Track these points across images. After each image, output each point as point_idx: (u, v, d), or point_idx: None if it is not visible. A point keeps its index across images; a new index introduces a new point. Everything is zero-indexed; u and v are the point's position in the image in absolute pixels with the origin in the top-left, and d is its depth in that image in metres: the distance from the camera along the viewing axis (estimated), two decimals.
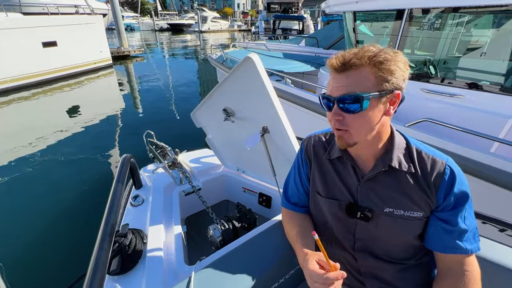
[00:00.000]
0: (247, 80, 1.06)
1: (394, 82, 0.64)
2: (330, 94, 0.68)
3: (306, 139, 0.93)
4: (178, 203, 1.42)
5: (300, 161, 0.94)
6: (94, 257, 0.77)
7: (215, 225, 1.30)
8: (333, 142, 0.85)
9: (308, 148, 0.91)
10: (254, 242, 1.01)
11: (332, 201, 0.84)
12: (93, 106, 7.00)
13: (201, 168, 1.73)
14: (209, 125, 1.55)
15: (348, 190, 0.80)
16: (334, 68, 0.66)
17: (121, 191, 1.05)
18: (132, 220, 1.27)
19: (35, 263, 2.46)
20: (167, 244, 1.16)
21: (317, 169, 0.88)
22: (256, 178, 1.61)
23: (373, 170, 0.74)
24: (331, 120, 0.70)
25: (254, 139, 1.27)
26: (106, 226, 0.87)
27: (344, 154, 0.80)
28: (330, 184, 0.84)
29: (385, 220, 0.75)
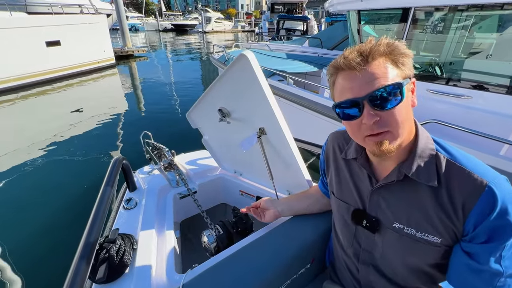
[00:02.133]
0: (242, 78, 1.00)
1: (410, 68, 0.59)
2: (354, 96, 0.57)
3: (330, 135, 0.91)
4: (172, 207, 1.37)
5: (321, 155, 0.94)
6: (73, 268, 0.72)
7: (209, 230, 1.24)
8: (351, 141, 0.79)
9: (329, 145, 0.89)
10: (249, 249, 0.96)
11: (342, 203, 0.81)
12: (96, 105, 7.01)
13: (198, 170, 1.67)
14: (205, 126, 1.49)
15: (359, 195, 0.75)
16: (349, 66, 0.57)
17: (109, 195, 1.00)
18: (123, 225, 1.22)
19: (39, 258, 2.45)
20: (158, 250, 1.11)
21: (334, 168, 0.86)
22: (254, 181, 1.55)
23: (386, 178, 0.67)
24: (362, 127, 0.59)
25: (250, 141, 1.22)
26: (90, 234, 0.82)
27: (359, 157, 0.73)
28: (343, 185, 0.81)
29: (393, 236, 0.68)
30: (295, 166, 1.18)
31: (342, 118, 0.62)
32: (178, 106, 7.06)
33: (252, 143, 1.21)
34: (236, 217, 1.33)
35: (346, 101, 0.59)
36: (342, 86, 0.60)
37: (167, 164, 1.76)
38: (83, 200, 3.18)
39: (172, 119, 6.20)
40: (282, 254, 0.94)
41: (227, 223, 1.27)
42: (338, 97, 0.62)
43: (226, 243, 1.20)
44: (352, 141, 0.79)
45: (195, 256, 1.58)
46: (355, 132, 0.62)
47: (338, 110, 0.62)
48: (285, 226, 1.07)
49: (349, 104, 0.59)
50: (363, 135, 0.60)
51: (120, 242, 1.03)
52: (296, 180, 1.24)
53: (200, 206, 1.38)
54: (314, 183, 1.22)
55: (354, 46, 0.60)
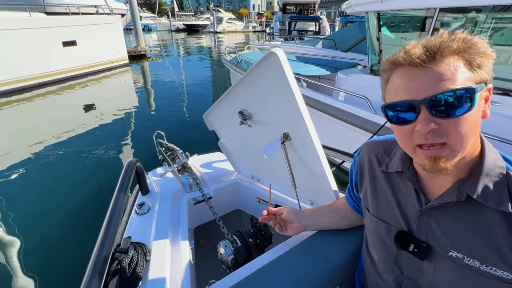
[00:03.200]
0: (269, 78, 0.92)
1: (488, 71, 0.48)
2: (411, 97, 0.48)
3: (365, 144, 0.81)
4: (186, 213, 1.29)
5: (352, 167, 0.84)
6: (84, 285, 0.65)
7: (226, 241, 1.16)
8: (394, 152, 0.69)
9: (363, 156, 0.79)
10: (272, 268, 0.87)
11: (381, 222, 0.70)
12: (109, 104, 7.09)
13: (213, 174, 1.60)
14: (223, 128, 1.41)
15: (403, 215, 0.64)
16: (411, 62, 0.48)
17: (122, 202, 0.93)
18: (135, 232, 1.16)
19: (51, 259, 2.46)
20: (172, 262, 1.03)
21: (369, 182, 0.75)
22: (273, 188, 1.46)
23: (441, 198, 0.56)
24: (414, 134, 0.50)
25: (273, 147, 1.13)
26: (102, 247, 0.75)
27: (407, 171, 0.63)
28: (382, 202, 0.70)
29: (448, 267, 0.57)
30: (321, 176, 1.08)
31: (392, 121, 0.54)
32: (190, 107, 7.05)
33: (275, 148, 1.12)
34: (254, 227, 1.25)
35: (400, 103, 0.50)
36: (398, 84, 0.51)
37: (181, 166, 1.70)
38: (95, 199, 3.17)
39: (183, 120, 6.19)
40: (309, 274, 0.84)
41: (245, 233, 1.18)
42: (391, 97, 0.53)
43: (244, 256, 1.11)
44: (395, 152, 0.70)
45: (210, 266, 1.50)
46: (405, 139, 0.53)
47: (389, 112, 0.53)
48: (310, 242, 0.97)
49: (404, 106, 0.50)
50: (414, 144, 0.51)
51: (132, 253, 0.96)
52: (322, 190, 1.14)
53: (216, 214, 1.30)
54: (340, 194, 1.12)
55: (416, 41, 0.50)
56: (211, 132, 1.52)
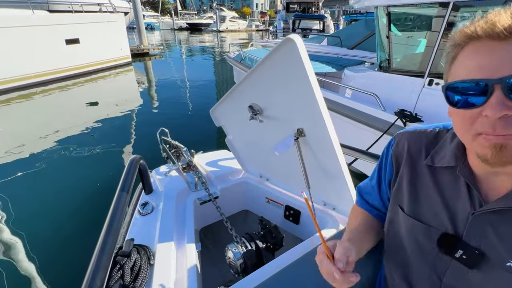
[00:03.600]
0: (285, 67, 0.84)
1: None
2: (485, 76, 0.41)
3: (399, 134, 0.70)
4: (192, 213, 1.22)
5: (383, 161, 0.73)
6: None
7: (234, 244, 1.09)
8: (441, 144, 0.61)
9: (399, 147, 0.68)
10: (286, 275, 0.80)
11: (418, 224, 0.61)
12: (112, 102, 7.05)
13: (219, 173, 1.53)
14: (230, 124, 1.34)
15: (451, 216, 0.56)
16: (492, 33, 0.40)
17: (125, 203, 0.87)
18: (139, 233, 1.09)
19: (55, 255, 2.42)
20: (178, 267, 0.96)
21: (407, 177, 0.65)
22: (283, 188, 1.38)
23: (505, 200, 0.48)
24: (479, 121, 0.43)
25: (285, 143, 1.05)
26: (102, 251, 0.68)
27: (461, 166, 0.55)
28: (423, 200, 0.61)
29: (503, 279, 0.49)
30: (338, 175, 1.00)
31: (453, 104, 0.46)
32: (193, 106, 6.98)
33: (288, 145, 1.05)
34: (264, 229, 1.17)
35: (468, 82, 0.43)
36: (468, 61, 0.43)
37: (185, 164, 1.63)
38: (98, 197, 3.11)
39: (187, 118, 6.13)
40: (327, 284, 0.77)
41: (254, 236, 1.11)
42: (457, 76, 0.46)
43: (255, 261, 1.04)
44: (442, 144, 0.61)
45: (216, 271, 1.43)
46: (465, 125, 0.46)
47: (451, 93, 0.46)
48: None
49: (472, 86, 0.42)
50: (476, 132, 0.44)
51: (135, 256, 0.90)
52: (338, 191, 1.07)
53: (224, 214, 1.23)
54: None
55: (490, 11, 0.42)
56: (215, 131, 1.46)
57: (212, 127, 1.44)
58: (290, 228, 1.36)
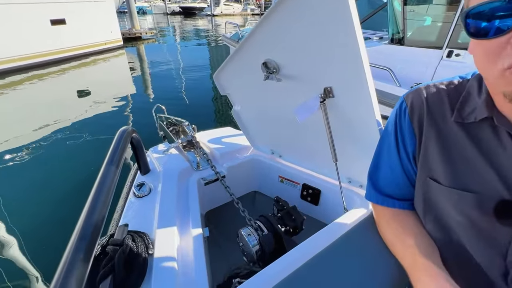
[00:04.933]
0: (316, 6, 0.64)
1: None
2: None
3: (410, 95, 0.57)
4: (196, 195, 1.05)
5: (398, 134, 0.59)
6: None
7: (248, 228, 0.93)
8: (465, 95, 0.50)
9: (415, 108, 0.55)
10: (323, 262, 0.63)
11: (464, 194, 0.49)
12: (104, 88, 6.74)
13: (224, 150, 1.34)
14: (239, 90, 1.15)
15: (502, 177, 0.45)
16: None
17: (114, 177, 0.68)
18: (134, 218, 0.92)
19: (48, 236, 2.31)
20: (182, 256, 0.80)
21: (435, 141, 0.53)
22: (300, 165, 1.21)
23: None
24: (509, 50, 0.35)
25: (308, 107, 0.87)
26: (84, 233, 0.51)
27: (497, 115, 0.45)
28: (462, 165, 0.50)
29: None
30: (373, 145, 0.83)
31: (476, 34, 0.39)
32: (188, 91, 6.68)
33: (311, 109, 0.86)
34: (281, 210, 1.01)
35: (494, 4, 0.36)
36: None
37: (186, 142, 1.44)
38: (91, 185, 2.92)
39: (183, 104, 5.86)
40: (372, 273, 0.61)
41: (272, 218, 0.95)
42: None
43: (273, 247, 0.87)
44: (467, 95, 0.49)
45: (224, 260, 1.28)
46: (489, 60, 0.39)
47: (472, 21, 0.39)
48: (361, 228, 0.73)
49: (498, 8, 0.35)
50: (503, 66, 0.37)
51: (130, 244, 0.72)
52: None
53: (233, 195, 1.06)
54: None
55: None
56: (213, 116, 1.26)
57: (209, 113, 1.25)
58: (308, 209, 1.20)
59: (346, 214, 0.91)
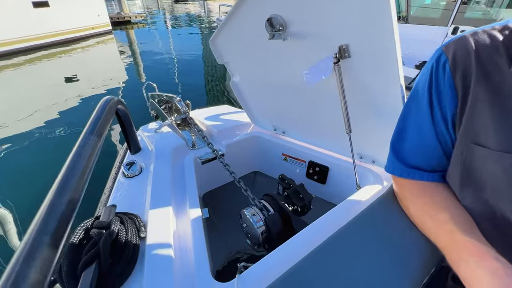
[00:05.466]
0: None
1: None
2: None
3: (451, 45, 0.47)
4: (193, 173, 0.95)
5: (429, 91, 0.49)
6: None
7: (252, 208, 0.83)
8: None
9: (458, 61, 0.46)
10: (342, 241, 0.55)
11: None
12: (93, 74, 6.46)
13: (222, 127, 1.24)
14: (238, 57, 1.02)
15: None
16: None
17: (94, 149, 0.57)
18: (124, 200, 0.82)
19: None
20: (180, 239, 0.70)
21: (485, 98, 0.43)
22: (305, 140, 1.11)
23: None
24: None
25: (320, 70, 0.76)
26: (53, 209, 0.40)
27: None
28: None
29: None
30: (394, 114, 0.73)
31: None
32: (181, 76, 6.45)
33: (324, 72, 0.75)
34: (287, 188, 0.92)
35: None
36: None
37: (180, 120, 1.33)
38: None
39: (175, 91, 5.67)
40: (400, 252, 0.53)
41: (277, 197, 0.85)
42: None
43: (280, 228, 0.79)
44: None
45: (221, 243, 1.20)
46: None
47: None
48: (380, 205, 0.64)
49: None
50: None
51: (118, 227, 0.62)
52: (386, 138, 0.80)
53: (234, 173, 0.96)
54: None
55: None
56: (209, 100, 1.13)
57: (204, 97, 1.13)
58: (314, 189, 1.11)
59: (360, 191, 0.83)
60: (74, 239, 0.60)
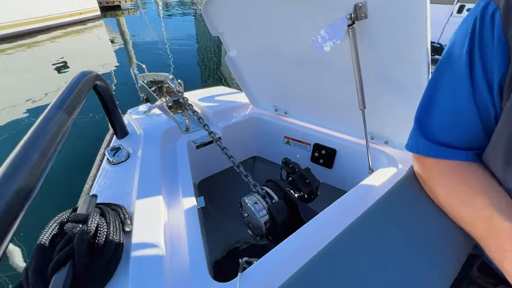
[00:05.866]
0: None
1: None
2: None
3: None
4: (187, 159, 0.85)
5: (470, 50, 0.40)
6: None
7: (253, 196, 0.74)
8: None
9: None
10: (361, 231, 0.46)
11: None
12: (84, 61, 6.19)
13: (218, 108, 1.13)
14: (235, 26, 0.90)
15: None
16: None
17: (61, 126, 0.47)
18: (108, 189, 0.72)
19: None
20: (171, 232, 0.61)
21: None
22: (310, 121, 1.01)
23: None
24: None
25: (331, 34, 0.65)
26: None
27: None
28: None
29: None
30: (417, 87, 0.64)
31: None
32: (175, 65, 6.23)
33: (335, 35, 0.65)
34: (292, 174, 0.83)
35: None
36: None
37: (172, 102, 1.22)
38: (69, 167, 2.66)
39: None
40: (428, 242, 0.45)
41: (282, 183, 0.76)
42: None
43: (286, 217, 0.70)
44: None
45: (217, 234, 1.12)
46: None
47: None
48: (401, 190, 0.56)
49: None
50: None
51: (96, 221, 0.53)
52: (404, 116, 0.71)
53: (233, 157, 0.86)
54: None
55: None
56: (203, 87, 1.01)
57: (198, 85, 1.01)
58: (320, 174, 1.02)
59: (373, 175, 0.74)
60: (44, 236, 0.50)
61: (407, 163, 0.81)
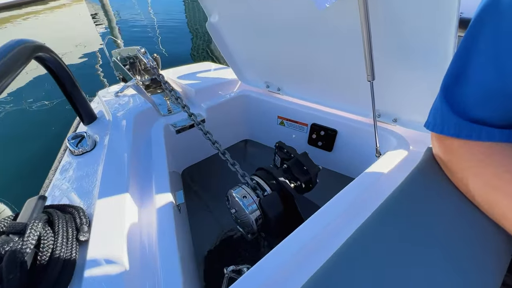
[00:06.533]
0: None
1: None
2: None
3: None
4: (163, 146, 0.73)
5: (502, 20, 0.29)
6: None
7: (241, 188, 0.63)
8: None
9: None
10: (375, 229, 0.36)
11: None
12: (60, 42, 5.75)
13: (201, 86, 0.99)
14: None
15: None
16: None
17: None
18: (66, 185, 0.60)
19: None
20: (141, 241, 0.50)
21: None
22: (306, 98, 0.88)
23: None
24: None
25: None
26: None
27: None
28: None
29: None
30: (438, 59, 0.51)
31: None
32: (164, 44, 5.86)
33: None
34: (286, 160, 0.71)
35: None
36: None
37: (149, 82, 1.07)
38: (44, 154, 2.49)
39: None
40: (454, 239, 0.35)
41: (275, 172, 0.65)
42: None
43: (280, 211, 0.59)
44: None
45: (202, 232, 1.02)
46: None
47: None
48: (418, 177, 0.44)
49: None
50: None
51: (37, 233, 0.41)
52: (421, 90, 0.59)
53: (218, 143, 0.74)
54: None
55: None
56: None
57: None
58: (318, 158, 0.91)
59: (382, 159, 0.63)
60: None
61: (420, 144, 0.70)
